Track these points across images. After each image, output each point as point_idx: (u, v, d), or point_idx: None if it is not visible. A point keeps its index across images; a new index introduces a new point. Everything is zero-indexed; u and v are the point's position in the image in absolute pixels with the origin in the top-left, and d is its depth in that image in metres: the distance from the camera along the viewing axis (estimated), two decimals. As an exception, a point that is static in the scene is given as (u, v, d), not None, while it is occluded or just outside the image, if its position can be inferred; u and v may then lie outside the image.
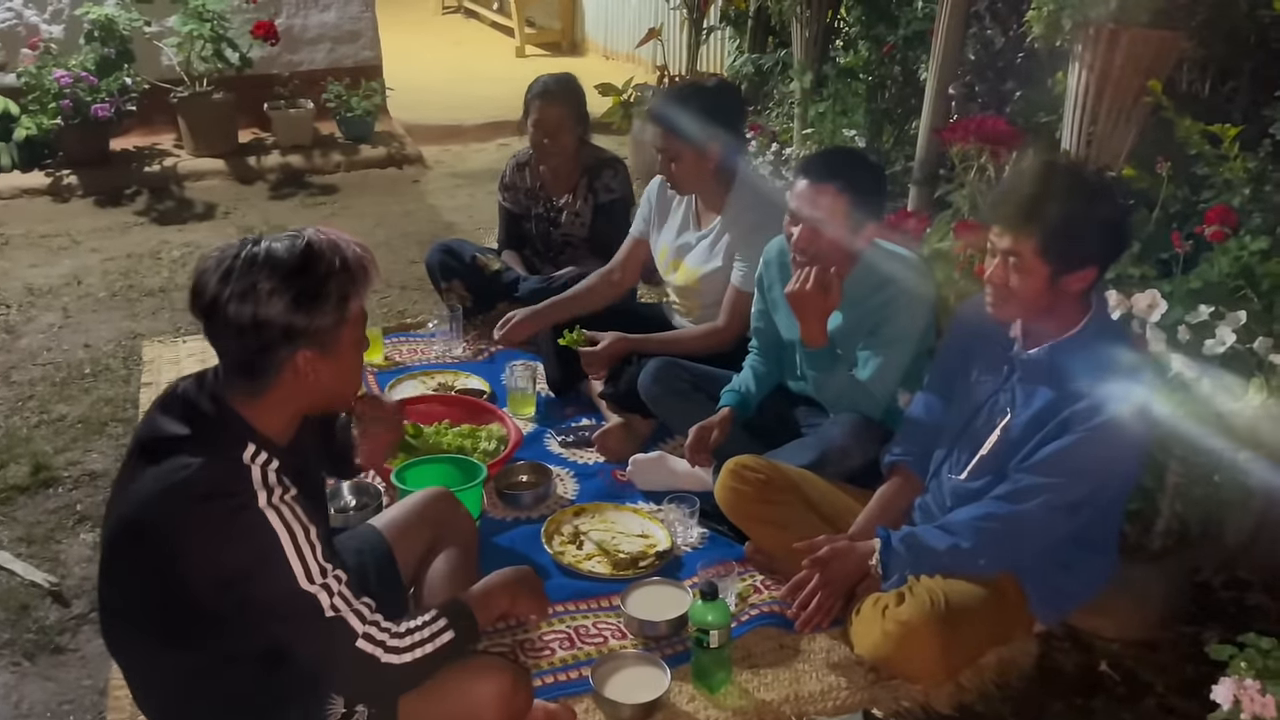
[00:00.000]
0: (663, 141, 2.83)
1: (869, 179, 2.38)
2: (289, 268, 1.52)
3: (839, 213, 2.32)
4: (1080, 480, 1.99)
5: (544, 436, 3.00)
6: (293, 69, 5.83)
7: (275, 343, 1.53)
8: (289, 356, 1.54)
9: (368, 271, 1.61)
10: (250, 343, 1.52)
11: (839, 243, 2.34)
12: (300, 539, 1.50)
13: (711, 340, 2.92)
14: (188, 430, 1.54)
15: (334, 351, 1.58)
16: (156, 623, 1.57)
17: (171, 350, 3.50)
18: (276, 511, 1.49)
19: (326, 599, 1.51)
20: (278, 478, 1.53)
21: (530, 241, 3.65)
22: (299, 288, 1.51)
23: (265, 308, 1.50)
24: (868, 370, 2.43)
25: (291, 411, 1.62)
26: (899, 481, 2.29)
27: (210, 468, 1.50)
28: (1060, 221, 1.88)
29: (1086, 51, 2.74)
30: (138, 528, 1.52)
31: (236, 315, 1.50)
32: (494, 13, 9.26)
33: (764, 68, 4.71)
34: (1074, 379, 1.99)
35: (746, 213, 2.87)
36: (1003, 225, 1.93)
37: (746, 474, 2.35)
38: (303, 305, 1.52)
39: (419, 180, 5.56)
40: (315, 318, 1.53)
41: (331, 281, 1.54)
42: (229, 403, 1.57)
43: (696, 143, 2.80)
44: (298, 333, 1.53)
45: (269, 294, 1.50)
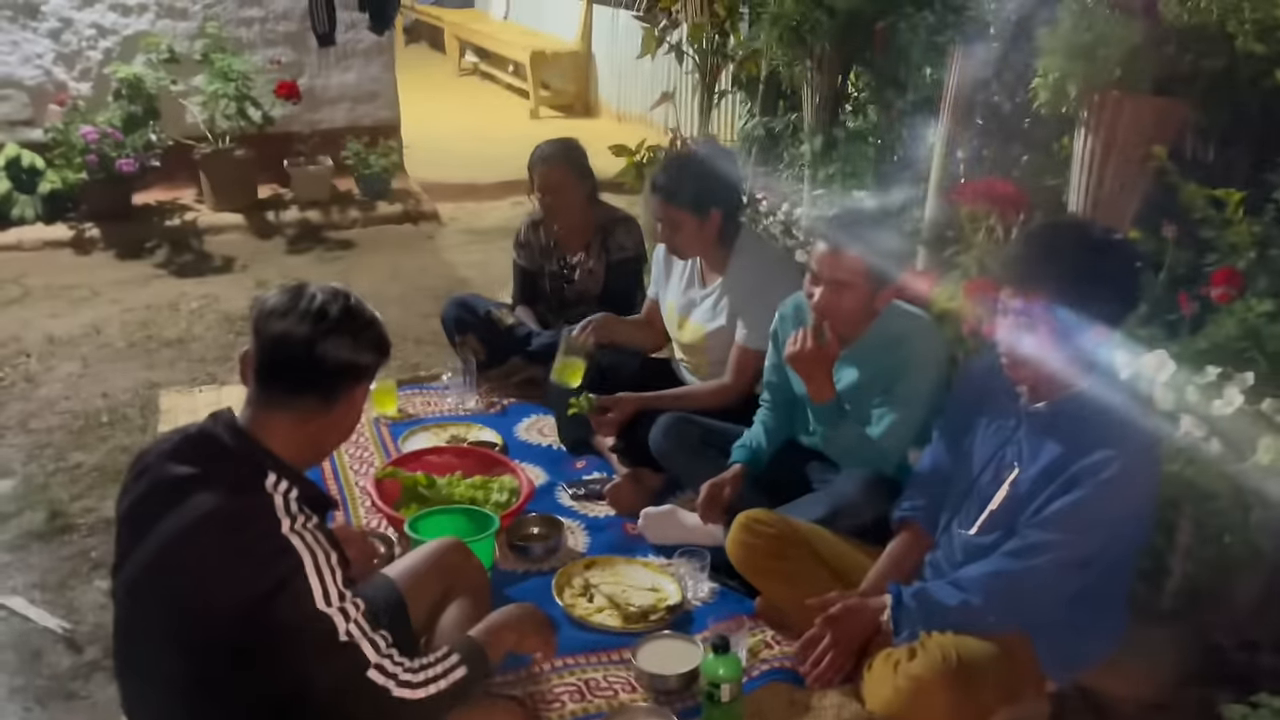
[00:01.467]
0: (662, 211, 2.89)
1: (889, 239, 2.42)
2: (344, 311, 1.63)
3: (860, 275, 2.36)
4: (1089, 535, 2.00)
5: (555, 489, 3.02)
6: (313, 127, 5.97)
7: (338, 377, 1.63)
8: (347, 392, 1.65)
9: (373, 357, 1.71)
10: (316, 374, 1.61)
11: (859, 304, 2.39)
12: (321, 562, 1.53)
13: (720, 397, 2.96)
14: (204, 469, 1.57)
15: (354, 400, 1.69)
16: (176, 675, 1.57)
17: (188, 400, 3.54)
18: (300, 537, 1.53)
19: (343, 623, 1.53)
20: (299, 506, 1.57)
21: (544, 298, 3.70)
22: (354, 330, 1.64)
23: (335, 348, 1.61)
24: (880, 427, 2.45)
25: (309, 448, 1.67)
26: (909, 537, 2.30)
27: (233, 499, 1.54)
28: (1071, 280, 1.92)
29: (1091, 117, 2.81)
30: (161, 567, 1.55)
31: (324, 350, 1.59)
32: (509, 75, 9.47)
33: (774, 131, 4.79)
34: (1081, 434, 2.01)
35: (747, 274, 2.92)
36: (1014, 286, 1.97)
37: (758, 528, 2.36)
38: (360, 346, 1.65)
39: (434, 236, 5.65)
40: (364, 358, 1.66)
41: (368, 329, 1.67)
42: (251, 434, 1.61)
43: (694, 210, 2.86)
44: (358, 371, 1.66)
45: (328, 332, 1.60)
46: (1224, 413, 2.30)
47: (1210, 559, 2.24)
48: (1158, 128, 2.76)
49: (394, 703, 1.56)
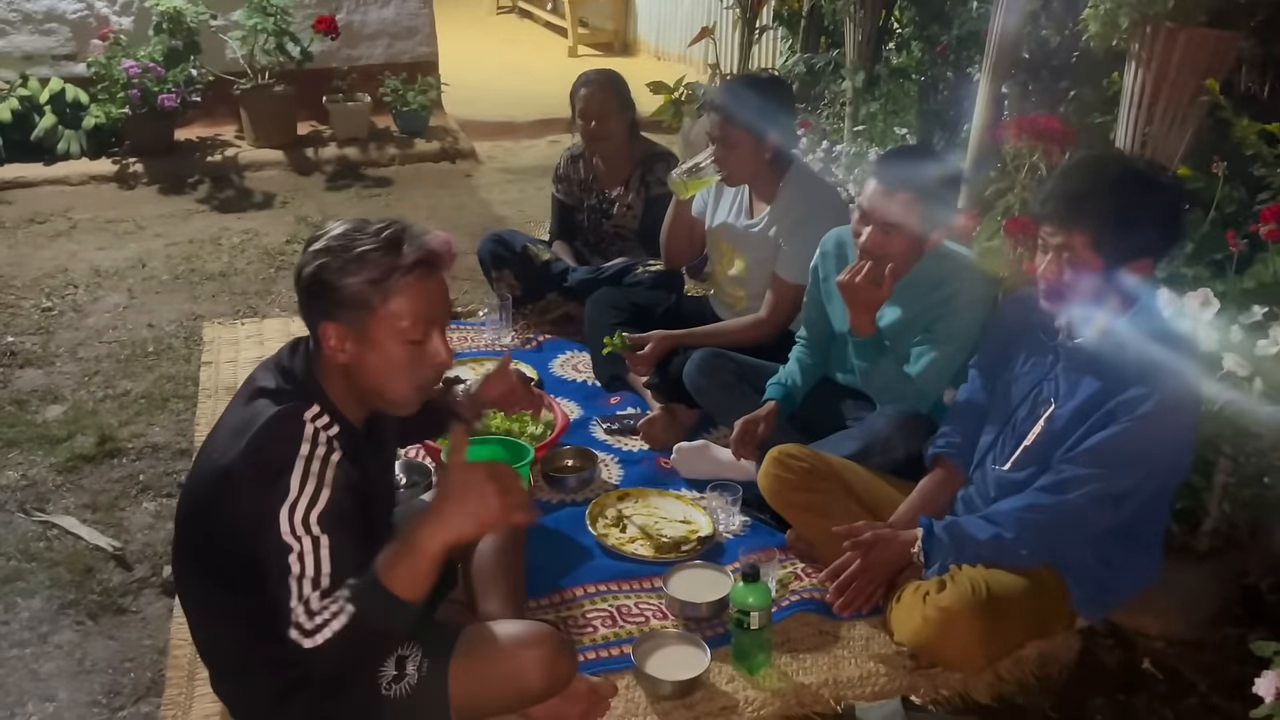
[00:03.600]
0: (719, 130, 2.86)
1: (943, 184, 2.39)
2: (346, 233, 1.58)
3: (911, 216, 2.33)
4: (1125, 471, 1.98)
5: (590, 424, 3.05)
6: (351, 63, 5.95)
7: (309, 302, 1.58)
8: (319, 322, 1.59)
9: (419, 264, 1.57)
10: (299, 298, 1.61)
11: (908, 245, 2.36)
12: (308, 491, 1.50)
13: (754, 332, 2.95)
14: (273, 383, 1.62)
15: (367, 338, 1.58)
16: (218, 566, 1.62)
17: (230, 332, 3.59)
18: (307, 462, 1.52)
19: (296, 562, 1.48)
20: (329, 440, 1.57)
21: (581, 233, 3.70)
22: (340, 251, 1.55)
23: (309, 262, 1.58)
24: (919, 365, 2.44)
25: (347, 387, 1.64)
26: (942, 474, 2.30)
27: (273, 416, 1.56)
28: (1113, 214, 1.89)
29: (1143, 51, 2.73)
30: (208, 461, 1.61)
31: (296, 266, 1.61)
32: (548, 13, 9.35)
33: (816, 67, 4.72)
34: (1120, 369, 1.99)
35: (796, 205, 2.89)
36: (1054, 221, 1.94)
37: (790, 462, 2.37)
38: (336, 270, 1.54)
39: (471, 175, 5.64)
40: (344, 286, 1.54)
41: (372, 256, 1.54)
42: (311, 365, 1.64)
43: (752, 132, 2.83)
44: (326, 297, 1.56)
45: (315, 252, 1.57)
46: (1269, 352, 2.26)
47: (1249, 499, 2.22)
48: (1211, 61, 2.67)
49: (304, 653, 1.47)
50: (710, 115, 2.90)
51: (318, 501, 1.51)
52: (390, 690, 1.69)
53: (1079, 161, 2.00)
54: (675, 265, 3.31)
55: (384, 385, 1.63)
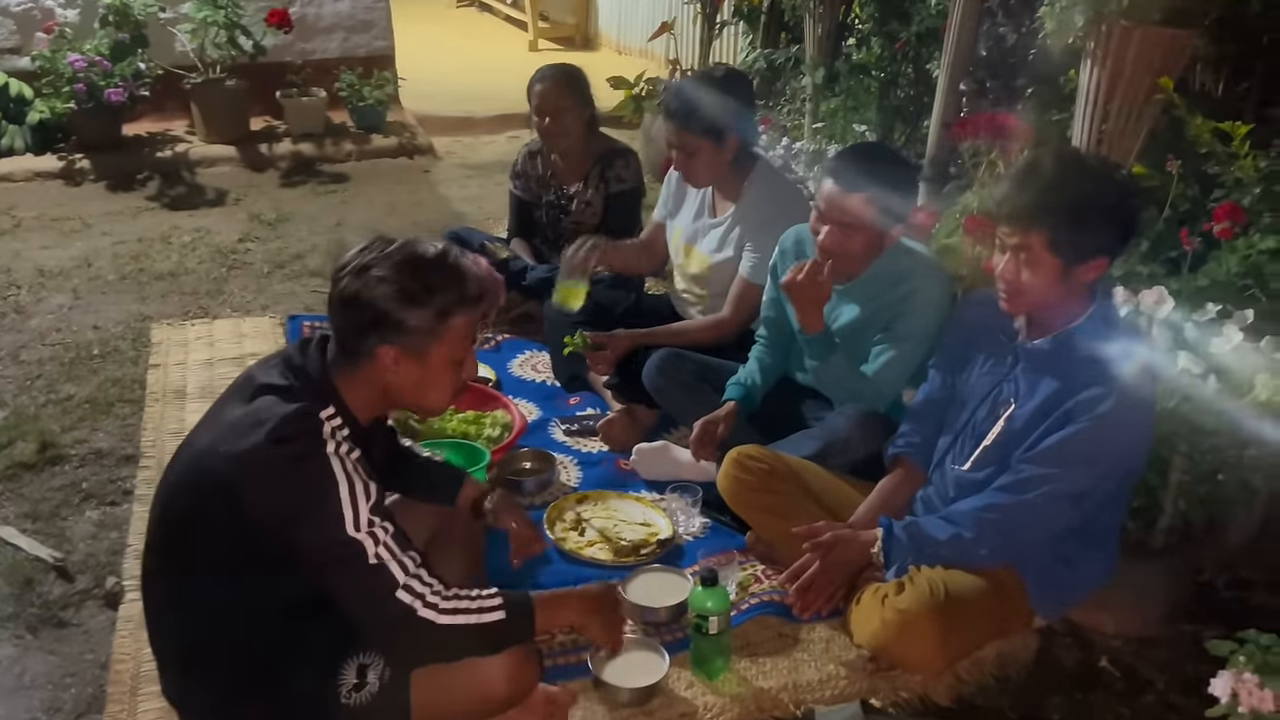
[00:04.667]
0: (677, 137, 2.83)
1: (900, 180, 2.37)
2: (407, 264, 1.61)
3: (869, 216, 2.32)
4: (1083, 470, 1.98)
5: (548, 425, 3.01)
6: (306, 57, 5.85)
7: (367, 326, 1.62)
8: (375, 344, 1.63)
9: (481, 299, 1.68)
10: (350, 316, 1.63)
11: (865, 244, 2.35)
12: (358, 489, 1.57)
13: (716, 332, 2.93)
14: (282, 381, 1.64)
15: (423, 360, 1.66)
16: (202, 553, 1.62)
17: (179, 333, 3.51)
18: (340, 460, 1.57)
19: (372, 546, 1.57)
20: (344, 439, 1.61)
21: (540, 230, 3.65)
22: (405, 284, 1.60)
23: (370, 290, 1.60)
24: (877, 363, 2.43)
25: (374, 397, 1.70)
26: (901, 474, 2.29)
27: (289, 413, 1.57)
28: (1068, 213, 1.88)
29: (1098, 49, 2.74)
30: (214, 455, 1.59)
31: (347, 287, 1.61)
32: (508, 6, 9.27)
33: (776, 63, 4.71)
34: (1078, 369, 1.98)
35: (760, 205, 2.87)
36: (1011, 221, 1.93)
37: (749, 463, 2.35)
38: (402, 301, 1.60)
39: (429, 170, 5.57)
40: (409, 317, 1.61)
41: (439, 292, 1.62)
42: (328, 368, 1.67)
43: (711, 136, 2.80)
44: (389, 325, 1.61)
45: (378, 280, 1.59)
46: (1222, 350, 2.28)
47: (1203, 496, 2.23)
48: (1165, 59, 2.69)
49: (418, 621, 1.59)
50: (667, 121, 2.86)
51: (369, 495, 1.58)
52: (350, 699, 1.67)
53: (1033, 161, 1.99)
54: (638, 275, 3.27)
55: (425, 397, 1.74)
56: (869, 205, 2.32)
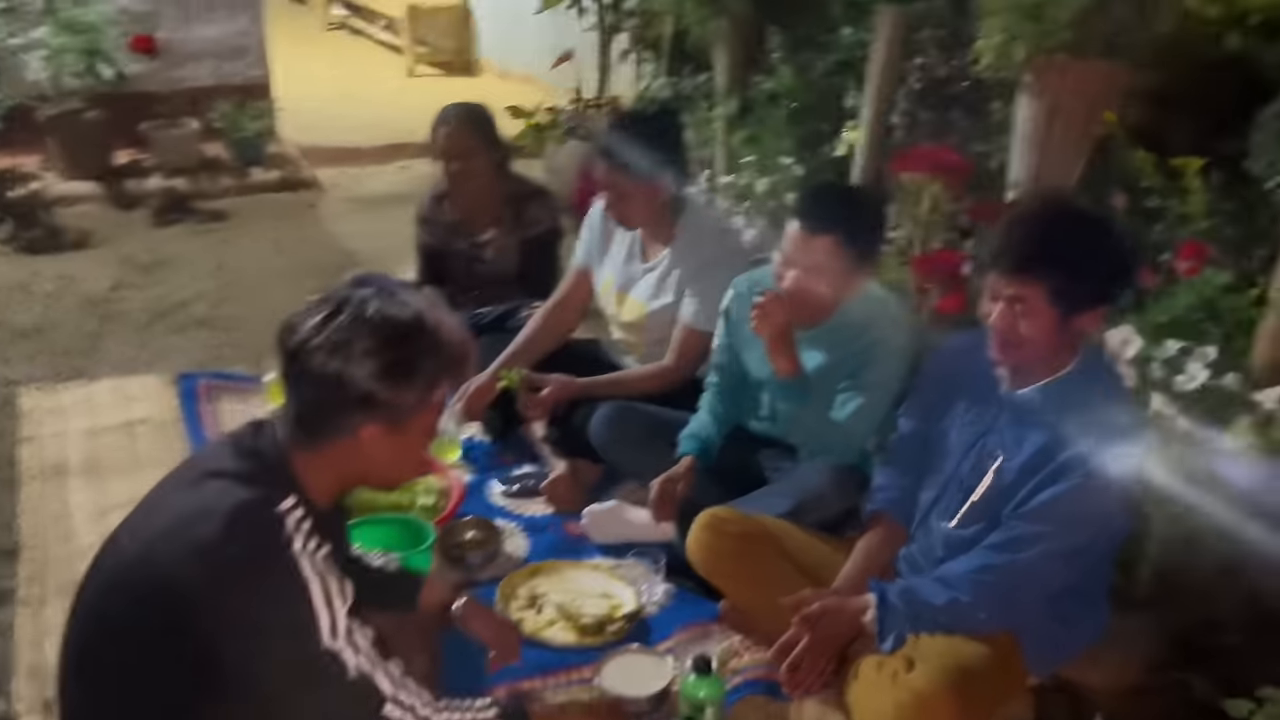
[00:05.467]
0: (610, 176, 2.67)
1: (869, 224, 2.27)
2: (391, 334, 1.45)
3: (837, 261, 2.20)
4: (1078, 527, 1.91)
5: (485, 486, 2.78)
6: (174, 86, 5.43)
7: (349, 406, 1.46)
8: (357, 424, 1.48)
9: (465, 363, 1.56)
10: (325, 397, 1.46)
11: (832, 289, 2.24)
12: (332, 589, 1.41)
13: (661, 381, 2.76)
14: (234, 465, 1.47)
15: (403, 433, 1.51)
16: (140, 677, 1.39)
17: (52, 399, 3.14)
18: (309, 560, 1.41)
19: (353, 657, 1.42)
20: (309, 533, 1.44)
21: (452, 278, 3.42)
22: (393, 358, 1.45)
23: (354, 367, 1.43)
24: (846, 411, 2.31)
25: (339, 478, 1.55)
26: (883, 531, 2.17)
27: (247, 502, 1.41)
28: (1069, 265, 1.81)
29: (1036, 82, 2.72)
30: (157, 554, 1.38)
31: (322, 366, 1.43)
32: (382, 30, 8.94)
33: (683, 93, 4.59)
34: (1069, 421, 1.91)
35: (698, 247, 2.73)
36: (1009, 273, 1.84)
37: (723, 527, 2.20)
38: (391, 377, 1.45)
39: (315, 205, 5.25)
40: (399, 394, 1.46)
41: (428, 362, 1.48)
42: (286, 452, 1.50)
43: (647, 176, 2.65)
44: (375, 403, 1.46)
45: (363, 354, 1.43)
46: (1188, 388, 2.26)
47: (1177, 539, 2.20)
48: (1102, 93, 2.69)
49: None
50: (599, 162, 2.70)
51: (344, 596, 1.43)
52: None
53: (1028, 210, 1.92)
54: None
55: (398, 472, 1.61)
56: (837, 249, 2.21)
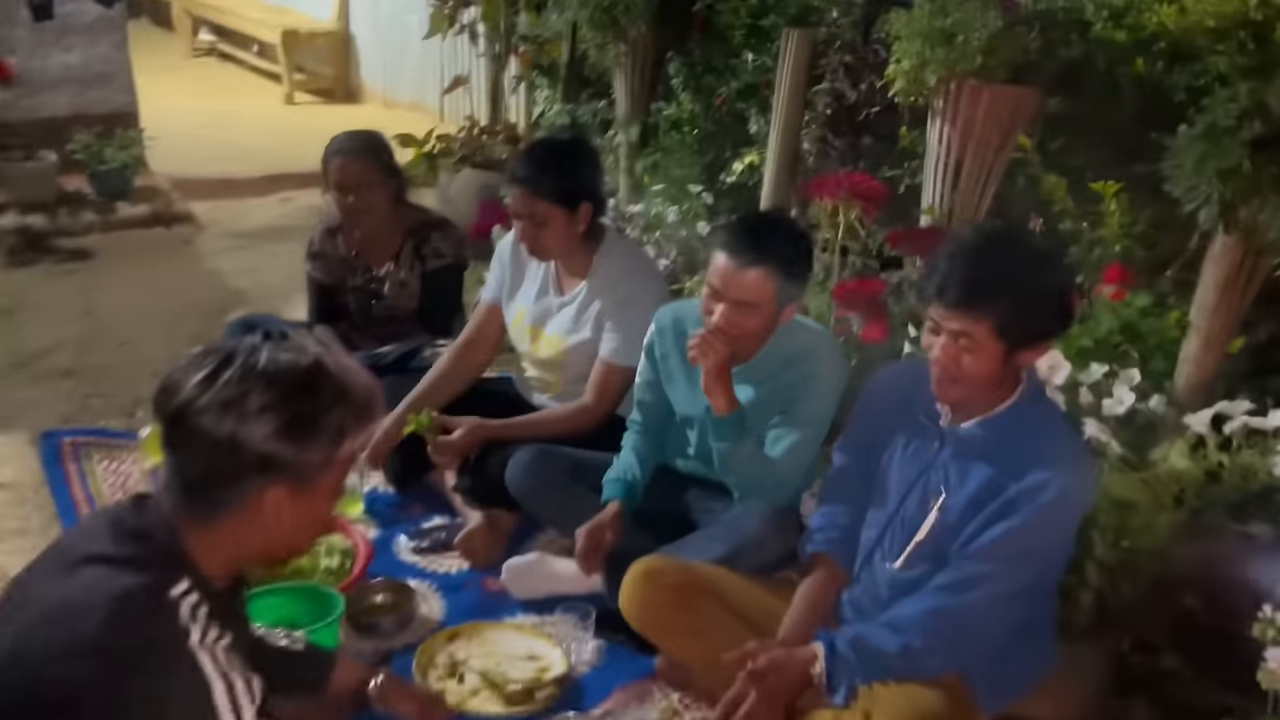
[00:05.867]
0: (527, 206, 2.52)
1: (799, 254, 2.18)
2: (290, 386, 1.28)
3: (768, 294, 2.11)
4: (1028, 563, 1.85)
5: (392, 543, 2.59)
6: (30, 115, 5.04)
7: (248, 471, 1.29)
8: (258, 490, 1.30)
9: (373, 410, 1.39)
10: (218, 464, 1.28)
11: (764, 323, 2.14)
12: (237, 689, 1.25)
13: (580, 420, 2.62)
14: (114, 549, 1.28)
15: (310, 494, 1.34)
16: None
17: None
18: (210, 654, 1.24)
19: None
20: (207, 620, 1.27)
21: (347, 315, 3.22)
22: (295, 412, 1.28)
23: (250, 427, 1.26)
24: (780, 448, 2.21)
25: (238, 552, 1.37)
26: (823, 574, 2.07)
27: (132, 589, 1.23)
28: (1017, 300, 1.75)
29: (948, 107, 2.71)
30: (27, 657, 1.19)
31: (212, 428, 1.25)
32: (254, 56, 8.58)
33: (580, 120, 4.49)
34: (1013, 454, 1.85)
35: (617, 280, 2.60)
36: (955, 307, 1.77)
37: (659, 579, 2.06)
38: (293, 434, 1.28)
39: (191, 241, 4.93)
40: (303, 452, 1.29)
41: (333, 413, 1.31)
42: (175, 528, 1.31)
43: (565, 204, 2.52)
44: (277, 465, 1.29)
45: (259, 411, 1.25)
46: (1115, 412, 2.24)
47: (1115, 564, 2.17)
48: (1014, 117, 2.69)
49: None
50: (514, 190, 2.56)
51: (251, 694, 1.28)
52: None
53: (973, 242, 1.85)
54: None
55: (305, 535, 1.45)
56: (768, 281, 2.11)
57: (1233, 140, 1.94)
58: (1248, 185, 1.95)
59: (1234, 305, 2.16)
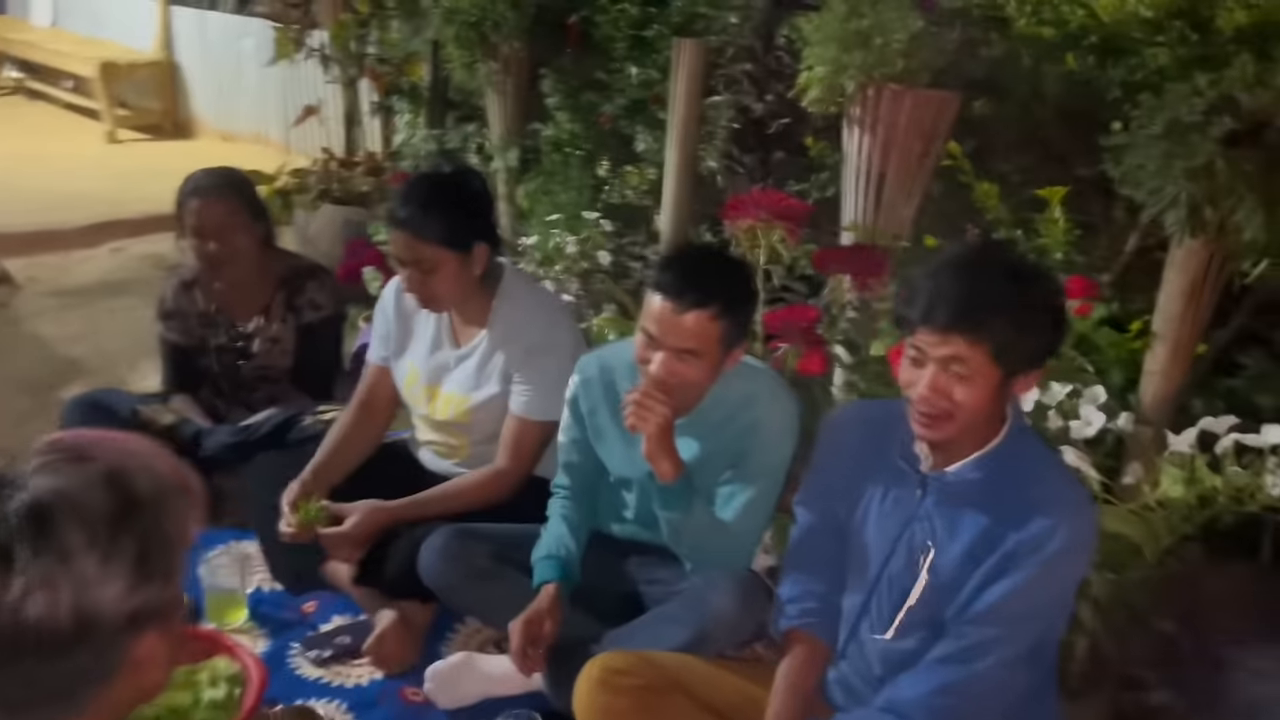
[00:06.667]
0: (412, 251, 2.19)
1: (744, 291, 1.92)
2: (112, 517, 0.95)
3: (711, 339, 1.84)
4: (1036, 621, 1.65)
5: (286, 657, 2.20)
6: None
7: (113, 639, 0.96)
8: (128, 650, 0.97)
9: (193, 487, 1.06)
10: (70, 655, 0.93)
11: (707, 372, 1.87)
12: None
13: (494, 487, 2.30)
14: None
15: (172, 627, 1.04)
16: None
17: None
18: None
19: None
20: None
21: (211, 380, 2.80)
22: (136, 551, 0.95)
23: (97, 591, 0.92)
24: (733, 508, 1.95)
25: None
26: (802, 652, 1.80)
27: None
28: (1014, 316, 1.54)
29: (867, 115, 2.52)
30: None
31: (44, 620, 0.90)
32: (68, 92, 7.83)
33: (449, 146, 4.14)
34: (1009, 499, 1.64)
35: (523, 325, 2.30)
36: (949, 329, 1.54)
37: (618, 680, 1.77)
38: (146, 571, 0.96)
39: (8, 304, 4.33)
40: (164, 586, 0.98)
41: (169, 522, 1.00)
42: None
43: (457, 245, 2.20)
44: (145, 614, 0.97)
45: (100, 565, 0.92)
46: (1084, 435, 2.08)
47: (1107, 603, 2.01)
48: (936, 123, 2.53)
49: None
50: (395, 234, 2.22)
51: None
52: None
53: (958, 258, 1.64)
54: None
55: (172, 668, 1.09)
56: (712, 325, 1.85)
57: (1202, 138, 1.80)
58: (1220, 185, 1.80)
59: (1200, 312, 2.03)
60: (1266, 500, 1.82)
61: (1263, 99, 1.78)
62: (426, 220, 2.18)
